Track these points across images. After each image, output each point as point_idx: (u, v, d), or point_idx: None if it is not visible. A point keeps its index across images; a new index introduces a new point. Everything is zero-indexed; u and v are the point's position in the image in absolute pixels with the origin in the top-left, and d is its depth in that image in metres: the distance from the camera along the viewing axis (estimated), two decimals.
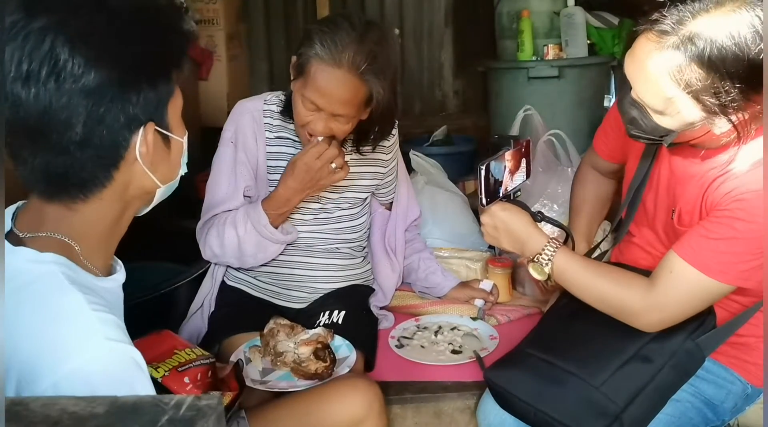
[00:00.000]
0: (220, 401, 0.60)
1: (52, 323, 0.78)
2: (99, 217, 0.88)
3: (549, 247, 1.28)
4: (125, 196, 0.89)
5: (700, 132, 1.13)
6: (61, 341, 0.77)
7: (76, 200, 0.86)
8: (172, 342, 1.15)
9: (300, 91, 1.47)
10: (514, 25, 3.24)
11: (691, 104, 1.08)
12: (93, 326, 0.78)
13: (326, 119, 1.47)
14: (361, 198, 1.75)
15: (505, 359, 1.37)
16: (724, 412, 1.35)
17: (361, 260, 1.80)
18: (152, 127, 0.86)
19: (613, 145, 1.51)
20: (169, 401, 0.58)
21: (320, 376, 1.39)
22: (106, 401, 0.59)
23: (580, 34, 3.14)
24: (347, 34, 1.42)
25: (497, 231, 1.34)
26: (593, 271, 1.28)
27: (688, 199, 1.23)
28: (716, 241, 1.14)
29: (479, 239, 2.20)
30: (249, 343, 1.53)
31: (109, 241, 0.92)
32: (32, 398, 0.64)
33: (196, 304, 1.73)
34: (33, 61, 0.77)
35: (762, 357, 1.31)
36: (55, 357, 0.75)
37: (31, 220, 0.87)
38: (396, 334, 1.78)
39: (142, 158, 0.86)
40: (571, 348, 1.29)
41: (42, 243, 0.85)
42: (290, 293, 1.72)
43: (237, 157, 1.64)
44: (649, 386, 1.22)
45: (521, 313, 1.90)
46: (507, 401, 1.32)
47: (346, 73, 1.41)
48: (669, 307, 1.20)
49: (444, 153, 3.29)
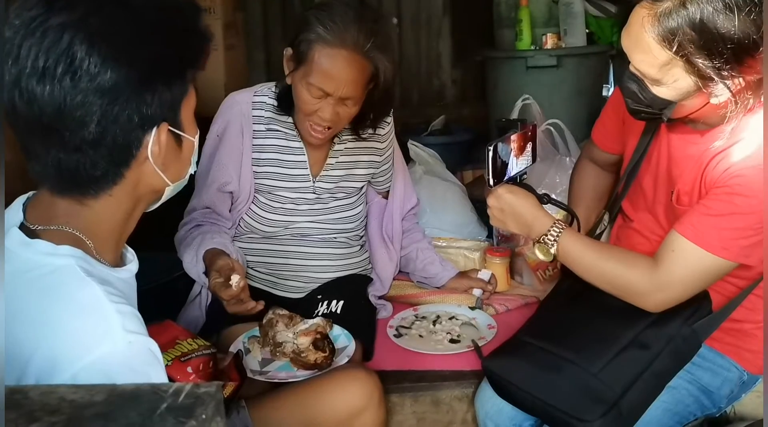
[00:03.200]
0: (219, 388, 0.60)
1: (71, 315, 0.78)
2: (109, 213, 0.88)
3: (555, 228, 1.29)
4: (135, 193, 0.89)
5: (698, 103, 1.14)
6: (81, 333, 0.77)
7: (86, 196, 0.86)
8: (174, 332, 1.15)
9: (304, 80, 1.46)
10: (513, 14, 3.22)
11: (686, 70, 1.09)
12: (112, 318, 0.78)
13: (334, 105, 1.47)
14: (356, 187, 1.75)
15: (503, 348, 1.38)
16: (720, 399, 1.36)
17: (358, 248, 1.80)
18: (165, 128, 0.86)
19: (612, 135, 1.52)
20: (167, 388, 0.58)
21: (319, 366, 1.39)
22: (105, 389, 0.59)
23: (578, 23, 3.13)
24: (345, 13, 1.42)
25: (503, 213, 1.34)
26: (598, 251, 1.29)
27: (687, 180, 1.24)
28: (717, 217, 1.15)
29: (477, 229, 2.21)
30: (248, 333, 1.53)
31: (120, 236, 0.92)
32: (31, 386, 0.64)
33: (194, 292, 1.73)
34: (50, 58, 0.77)
35: (758, 344, 1.32)
36: (74, 349, 0.75)
37: (43, 213, 0.87)
38: (394, 323, 1.79)
39: (154, 158, 0.86)
40: (567, 335, 1.30)
41: (55, 236, 0.85)
42: (287, 283, 1.72)
43: (218, 151, 1.64)
44: (646, 372, 1.23)
45: (519, 302, 1.90)
46: (504, 390, 1.33)
47: (351, 53, 1.41)
48: (673, 286, 1.21)
49: (442, 143, 3.28)
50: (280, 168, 1.66)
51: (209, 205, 1.67)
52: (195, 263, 1.56)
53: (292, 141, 1.65)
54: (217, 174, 1.64)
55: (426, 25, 4.10)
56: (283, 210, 1.67)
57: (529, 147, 1.43)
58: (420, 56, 4.12)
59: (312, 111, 1.49)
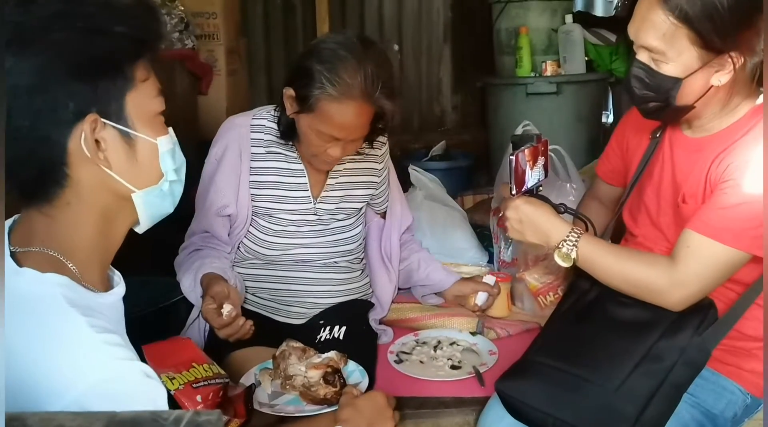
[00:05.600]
0: (219, 417, 0.59)
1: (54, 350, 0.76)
2: (76, 224, 0.86)
3: (573, 234, 1.32)
4: (96, 200, 0.86)
5: (701, 86, 1.20)
6: (66, 367, 0.75)
7: (43, 203, 0.84)
8: (192, 354, 1.13)
9: (313, 127, 1.48)
10: (513, 41, 3.27)
11: (690, 40, 1.16)
12: (98, 349, 0.77)
13: (343, 145, 1.51)
14: (356, 208, 1.76)
15: (515, 370, 1.37)
16: (724, 422, 1.35)
17: (359, 273, 1.79)
18: (92, 119, 0.82)
19: (615, 166, 1.57)
20: (167, 416, 0.57)
21: (329, 401, 1.35)
22: (104, 416, 0.58)
23: (578, 50, 3.17)
24: (349, 63, 1.42)
25: (522, 224, 1.37)
26: (617, 253, 1.32)
27: (693, 183, 1.30)
28: (725, 209, 1.20)
29: (478, 254, 2.20)
30: (260, 365, 1.50)
31: (101, 257, 0.90)
32: (30, 413, 0.63)
33: (193, 316, 1.72)
34: None
35: (759, 365, 1.33)
36: (62, 383, 0.74)
37: (23, 233, 0.86)
38: (395, 349, 1.77)
39: (91, 154, 0.82)
40: (581, 354, 1.30)
41: (38, 260, 0.83)
42: (289, 309, 1.71)
43: (216, 177, 1.65)
44: (663, 384, 1.23)
45: (520, 328, 1.89)
46: (520, 412, 1.33)
47: (360, 104, 1.43)
48: (691, 282, 1.23)
49: (443, 168, 3.31)
50: (281, 190, 1.67)
51: (208, 229, 1.67)
52: (193, 287, 1.55)
53: (293, 163, 1.66)
54: (215, 197, 1.64)
55: (427, 51, 4.15)
56: (284, 233, 1.67)
57: (541, 161, 1.47)
58: (421, 82, 4.17)
59: (322, 151, 1.52)
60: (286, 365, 1.42)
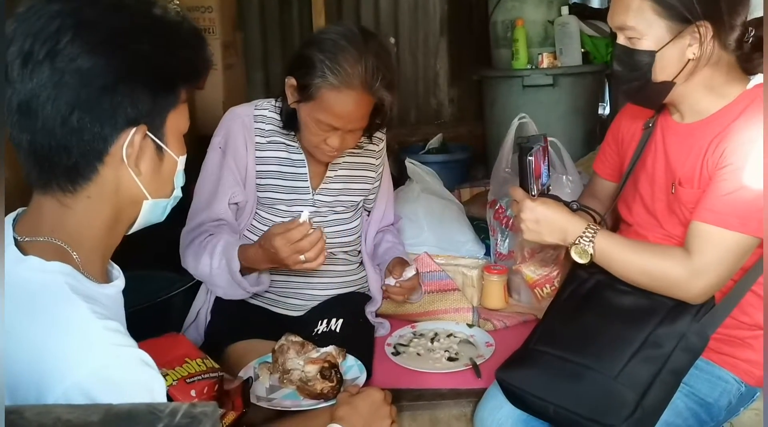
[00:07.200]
0: (215, 408, 0.60)
1: (56, 335, 0.78)
2: (90, 218, 0.88)
3: (589, 230, 1.33)
4: (114, 199, 0.89)
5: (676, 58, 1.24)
6: (68, 351, 0.77)
7: (65, 192, 0.86)
8: (185, 349, 1.14)
9: (313, 116, 1.49)
10: (509, 33, 3.26)
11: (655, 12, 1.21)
12: (98, 335, 0.78)
13: (342, 135, 1.51)
14: (354, 201, 1.76)
15: (516, 359, 1.39)
16: (719, 411, 1.36)
17: (356, 266, 1.80)
18: (143, 130, 0.86)
19: (612, 162, 1.58)
20: (164, 408, 0.58)
21: (325, 396, 1.36)
22: (101, 408, 0.59)
23: (574, 42, 3.16)
24: (349, 53, 1.43)
25: (539, 224, 1.38)
26: (633, 247, 1.33)
27: (689, 167, 1.31)
28: (727, 195, 1.22)
29: (475, 247, 2.21)
30: (259, 359, 1.50)
31: (104, 251, 0.92)
32: (27, 406, 0.64)
33: (190, 317, 1.73)
34: (36, 41, 0.79)
35: (755, 354, 1.34)
36: (61, 368, 0.76)
37: (31, 222, 0.88)
38: (392, 341, 1.78)
39: (128, 159, 0.86)
40: (582, 342, 1.32)
41: (44, 249, 0.85)
42: (288, 301, 1.72)
43: (225, 163, 1.64)
44: (663, 370, 1.25)
45: (517, 320, 1.90)
46: (521, 400, 1.35)
47: (360, 94, 1.44)
48: (707, 271, 1.24)
49: (440, 161, 3.31)
50: (281, 180, 1.67)
51: (222, 216, 1.65)
52: (219, 264, 1.54)
53: (294, 153, 1.67)
54: (227, 185, 1.63)
55: (423, 44, 4.15)
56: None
57: (546, 160, 1.49)
58: (417, 75, 4.16)
59: (321, 140, 1.52)
60: (285, 359, 1.43)
